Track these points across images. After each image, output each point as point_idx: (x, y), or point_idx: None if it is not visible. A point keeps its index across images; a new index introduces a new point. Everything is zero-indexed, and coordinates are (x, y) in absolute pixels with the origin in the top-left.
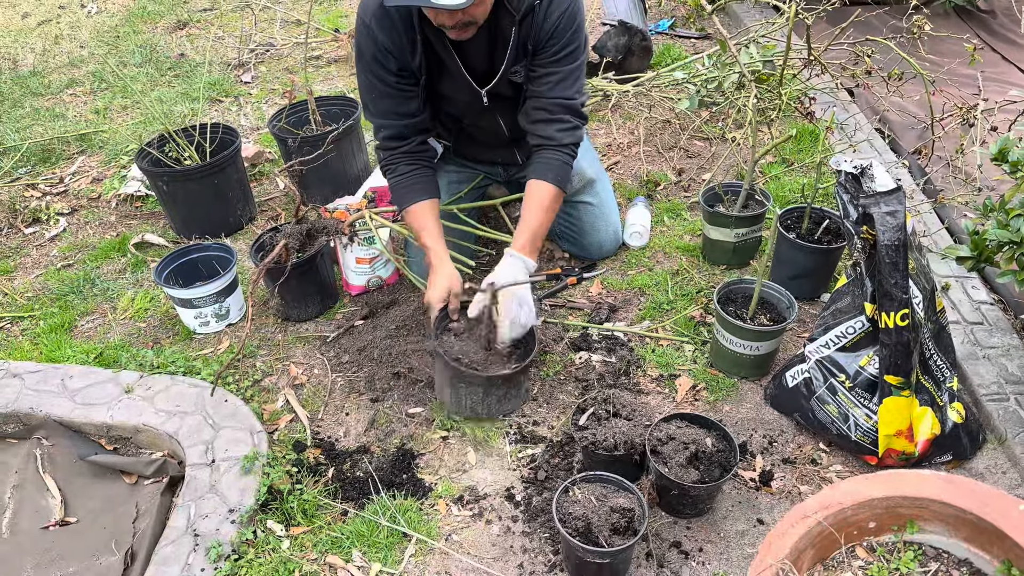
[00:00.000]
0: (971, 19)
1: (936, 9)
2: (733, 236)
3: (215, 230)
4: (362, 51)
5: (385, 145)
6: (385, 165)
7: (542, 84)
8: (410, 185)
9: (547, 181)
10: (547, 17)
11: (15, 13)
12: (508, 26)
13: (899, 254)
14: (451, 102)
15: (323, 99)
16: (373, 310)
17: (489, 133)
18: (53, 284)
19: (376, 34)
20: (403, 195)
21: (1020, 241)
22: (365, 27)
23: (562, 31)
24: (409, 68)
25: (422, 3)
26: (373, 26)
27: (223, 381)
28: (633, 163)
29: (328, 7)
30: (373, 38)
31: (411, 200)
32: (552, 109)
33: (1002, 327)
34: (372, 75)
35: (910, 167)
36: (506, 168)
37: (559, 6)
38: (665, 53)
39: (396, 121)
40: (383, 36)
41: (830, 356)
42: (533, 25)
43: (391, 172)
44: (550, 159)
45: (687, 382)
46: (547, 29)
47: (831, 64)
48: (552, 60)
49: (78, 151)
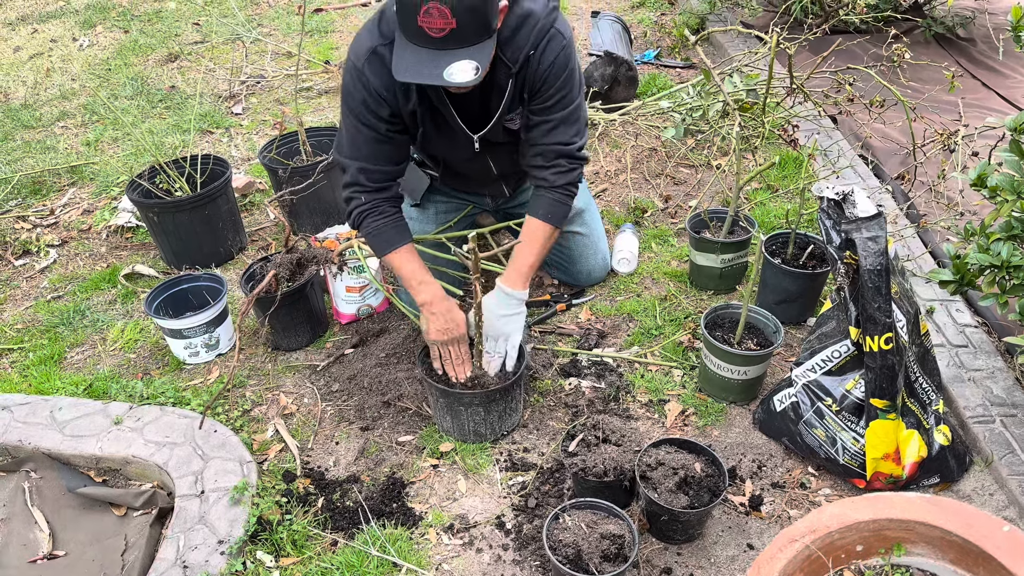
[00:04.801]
0: (951, 47)
1: (917, 37)
2: (719, 262)
3: (205, 260)
4: (350, 94)
5: (359, 190)
6: (361, 211)
7: (538, 131)
8: (392, 228)
9: (540, 219)
10: (540, 64)
11: (7, 47)
12: (504, 78)
13: (881, 279)
14: (441, 147)
15: (313, 130)
16: (363, 338)
17: (478, 173)
18: (43, 316)
19: (368, 79)
20: (387, 239)
21: (1001, 265)
22: (357, 71)
23: (554, 78)
24: (401, 114)
25: (436, 83)
26: (366, 71)
27: (213, 411)
28: (620, 190)
29: (319, 39)
30: (364, 83)
31: (395, 244)
32: (547, 155)
33: (986, 349)
34: (359, 120)
35: (893, 192)
36: (495, 199)
37: (551, 53)
38: (651, 82)
39: (376, 167)
40: (376, 81)
41: (817, 380)
42: (527, 74)
43: (370, 214)
44: (546, 198)
45: (676, 407)
46: (540, 75)
47: (814, 92)
48: (546, 107)
49: (69, 183)
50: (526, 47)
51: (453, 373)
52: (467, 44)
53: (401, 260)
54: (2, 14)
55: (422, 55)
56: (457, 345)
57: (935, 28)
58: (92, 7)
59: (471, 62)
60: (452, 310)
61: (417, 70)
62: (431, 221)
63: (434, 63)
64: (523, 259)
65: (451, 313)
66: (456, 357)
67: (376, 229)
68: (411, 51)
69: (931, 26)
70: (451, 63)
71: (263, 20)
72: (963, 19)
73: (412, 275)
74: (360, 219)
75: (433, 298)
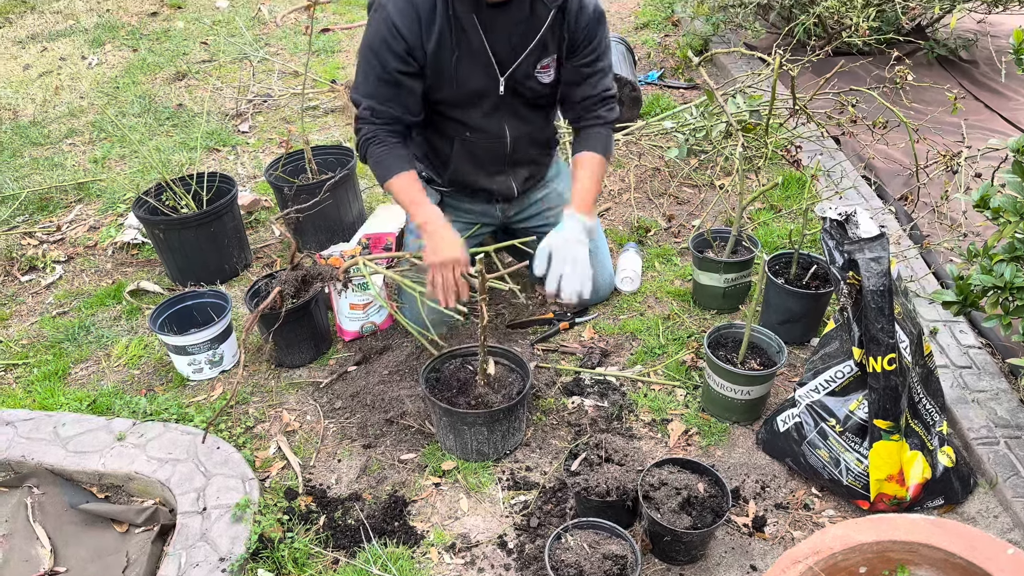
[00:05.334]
0: (954, 69)
1: (919, 59)
2: (723, 281)
3: (211, 277)
4: (372, 30)
5: (366, 123)
6: (367, 139)
7: (588, 84)
8: (394, 156)
9: (598, 152)
10: (580, 15)
11: (17, 65)
12: (542, 15)
13: (884, 299)
14: (463, 91)
15: (319, 148)
16: (366, 356)
17: (490, 148)
18: (48, 331)
19: (389, 12)
20: (388, 164)
21: (1004, 286)
22: (381, 6)
23: (594, 27)
24: (415, 55)
25: None
26: (389, 5)
27: (215, 428)
28: (624, 210)
29: (325, 59)
30: (385, 17)
31: (395, 170)
32: (598, 99)
33: (990, 371)
34: (375, 55)
35: (896, 213)
36: (503, 205)
37: (588, 3)
38: (654, 103)
39: (383, 107)
40: (397, 15)
41: (820, 400)
42: (566, 21)
43: (374, 142)
44: (601, 133)
45: (679, 427)
46: (582, 27)
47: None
48: (592, 60)
49: (76, 199)
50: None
51: (443, 299)
52: None
53: (400, 185)
54: (12, 32)
55: None
56: (452, 269)
57: (938, 50)
58: (101, 26)
59: None
60: (448, 232)
61: None
62: None
63: None
64: (589, 189)
65: (446, 233)
66: (449, 283)
67: (379, 156)
68: None
69: (934, 48)
70: None
71: (270, 40)
72: (965, 41)
73: (410, 199)
74: (365, 148)
75: (428, 219)
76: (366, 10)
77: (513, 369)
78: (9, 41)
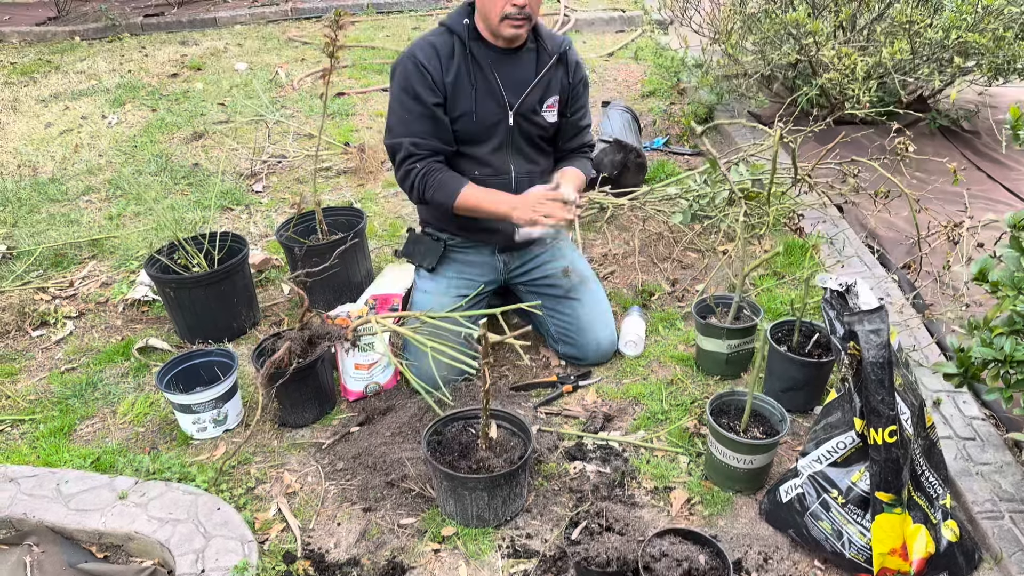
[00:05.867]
0: (956, 139)
1: (922, 129)
2: (726, 347)
3: (219, 335)
4: (401, 75)
5: (414, 159)
6: (421, 175)
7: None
8: (451, 176)
9: (579, 168)
10: (577, 70)
11: (39, 123)
12: (545, 60)
13: (884, 371)
14: (479, 123)
15: (330, 209)
16: (370, 416)
17: (496, 186)
18: (56, 387)
19: (417, 56)
20: (452, 184)
21: (1004, 359)
22: (411, 54)
23: (582, 91)
24: (439, 85)
25: None
26: (417, 52)
27: (217, 488)
28: (629, 273)
29: (340, 121)
30: (415, 61)
31: (460, 186)
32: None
33: (994, 443)
34: (407, 95)
35: (900, 282)
36: (504, 256)
37: (576, 56)
38: (660, 169)
39: (425, 140)
40: (423, 58)
41: (822, 471)
42: (567, 70)
43: (430, 173)
44: (581, 159)
45: (682, 495)
46: (578, 82)
47: (822, 180)
48: (579, 117)
49: (90, 256)
50: (561, 44)
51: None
52: None
53: (470, 194)
54: (36, 91)
55: None
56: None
57: (940, 120)
58: (123, 86)
59: None
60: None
61: None
62: (444, 294)
63: None
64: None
65: (525, 198)
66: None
67: (438, 183)
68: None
69: (936, 118)
70: None
71: (287, 102)
72: (967, 112)
73: (488, 199)
74: (423, 184)
75: (511, 201)
76: (389, 75)
77: (515, 433)
78: (33, 99)
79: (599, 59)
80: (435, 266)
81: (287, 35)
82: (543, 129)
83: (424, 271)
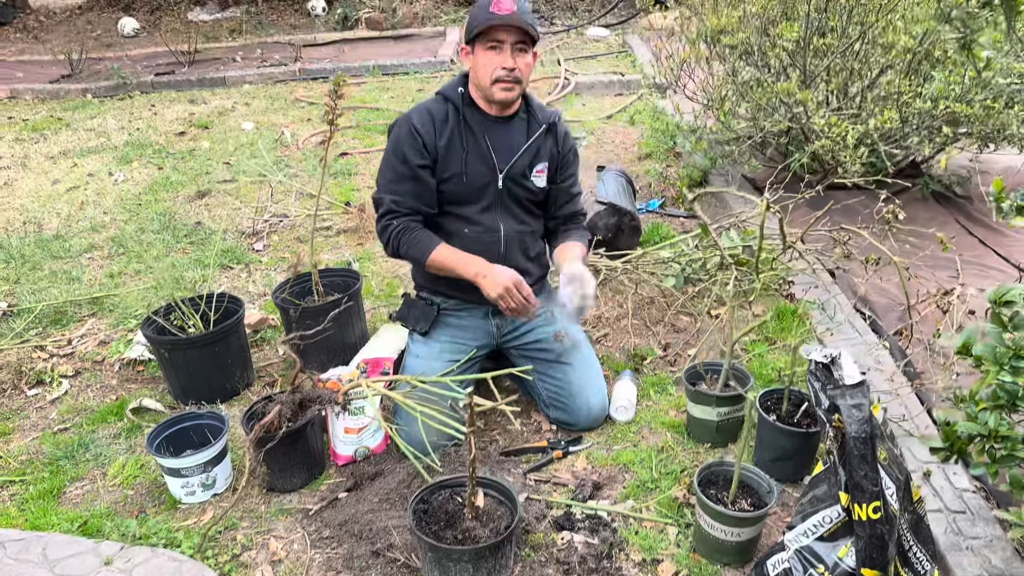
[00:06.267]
0: (950, 204)
1: (915, 194)
2: (715, 415)
3: (212, 396)
4: (395, 136)
5: (392, 216)
6: (396, 232)
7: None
8: (426, 235)
9: (578, 241)
10: (566, 139)
11: (47, 179)
12: (535, 128)
13: (867, 446)
14: (469, 184)
15: (327, 271)
16: (358, 481)
17: (486, 243)
18: (48, 448)
19: (412, 120)
20: (426, 242)
21: (989, 434)
22: (407, 118)
23: (572, 160)
24: (429, 148)
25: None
26: (413, 117)
27: (202, 555)
28: (621, 336)
29: (342, 181)
30: (410, 124)
31: (433, 245)
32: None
33: (984, 516)
34: (397, 157)
35: (891, 349)
36: (497, 321)
37: (565, 127)
38: (655, 231)
39: (406, 200)
40: (418, 122)
41: (809, 546)
42: (556, 139)
43: (406, 231)
44: (581, 232)
45: (670, 568)
46: (568, 151)
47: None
48: (569, 185)
49: (89, 314)
50: (551, 115)
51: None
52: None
53: (442, 254)
54: (46, 147)
55: None
56: (517, 290)
57: (933, 186)
58: (130, 144)
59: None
60: (498, 267)
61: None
62: (436, 358)
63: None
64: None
65: (496, 268)
66: (519, 300)
67: (412, 240)
68: None
69: (929, 184)
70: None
71: (291, 162)
72: (960, 178)
73: (456, 260)
74: (397, 240)
75: (480, 267)
76: (387, 134)
77: (502, 502)
78: (42, 156)
79: (598, 121)
80: (428, 330)
81: (294, 95)
82: (532, 193)
83: (417, 335)
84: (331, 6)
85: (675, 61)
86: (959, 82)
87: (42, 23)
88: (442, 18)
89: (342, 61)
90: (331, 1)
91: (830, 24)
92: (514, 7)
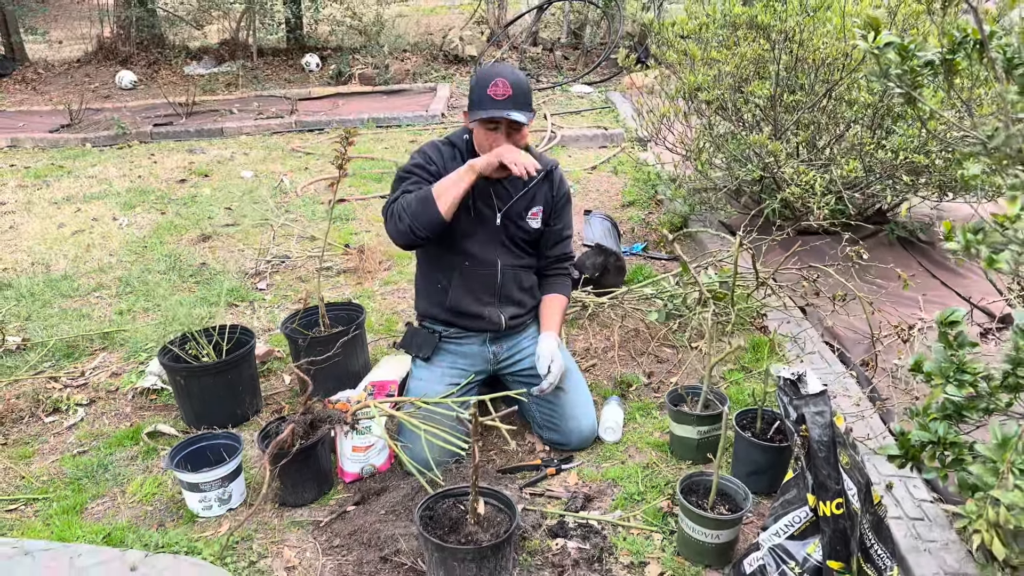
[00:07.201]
0: (913, 249)
1: (882, 239)
2: (696, 433)
3: (224, 421)
4: (411, 159)
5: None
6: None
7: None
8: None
9: (561, 294)
10: (560, 186)
11: (52, 224)
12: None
13: (829, 449)
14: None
15: (332, 305)
16: (365, 496)
17: (484, 276)
18: (68, 469)
19: (426, 149)
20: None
21: (938, 441)
22: (420, 151)
23: (565, 206)
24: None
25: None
26: (426, 147)
27: (222, 561)
28: (608, 366)
29: (340, 225)
30: (424, 150)
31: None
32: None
33: (941, 523)
34: (411, 173)
35: (858, 377)
36: (494, 348)
37: (560, 174)
38: (638, 271)
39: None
40: (429, 150)
41: (781, 544)
42: (552, 186)
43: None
44: (564, 282)
45: (656, 569)
46: (561, 197)
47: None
48: (561, 228)
49: (100, 348)
50: (548, 164)
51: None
52: (519, 108)
53: (438, 187)
54: (49, 193)
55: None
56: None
57: (898, 231)
58: (133, 190)
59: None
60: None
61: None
62: (438, 382)
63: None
64: (556, 321)
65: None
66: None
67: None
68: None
69: (894, 230)
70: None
71: (291, 207)
72: (923, 224)
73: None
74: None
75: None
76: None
77: (502, 510)
78: (46, 202)
79: (583, 172)
80: (430, 356)
81: (291, 146)
82: (527, 233)
83: (420, 360)
84: (325, 62)
85: (655, 115)
86: (916, 135)
87: (40, 75)
88: (432, 75)
89: (337, 114)
90: (325, 57)
91: (799, 82)
92: (509, 91)
